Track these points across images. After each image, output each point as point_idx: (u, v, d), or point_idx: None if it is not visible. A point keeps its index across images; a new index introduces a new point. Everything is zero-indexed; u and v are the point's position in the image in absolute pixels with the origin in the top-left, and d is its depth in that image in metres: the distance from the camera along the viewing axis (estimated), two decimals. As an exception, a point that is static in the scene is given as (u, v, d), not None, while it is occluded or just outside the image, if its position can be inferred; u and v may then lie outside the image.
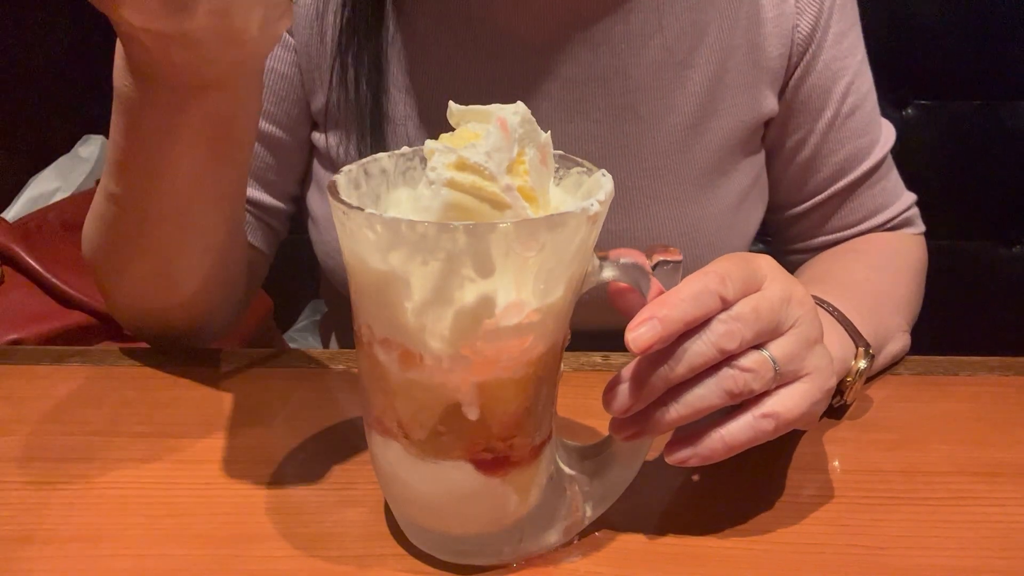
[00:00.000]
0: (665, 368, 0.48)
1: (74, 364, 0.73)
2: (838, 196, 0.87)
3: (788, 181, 0.88)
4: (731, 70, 0.80)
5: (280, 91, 0.81)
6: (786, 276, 0.52)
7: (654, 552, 0.53)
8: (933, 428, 0.65)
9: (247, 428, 0.64)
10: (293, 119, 0.82)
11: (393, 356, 0.46)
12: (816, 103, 0.84)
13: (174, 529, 0.54)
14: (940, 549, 0.53)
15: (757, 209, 0.87)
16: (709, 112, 0.81)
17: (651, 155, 0.80)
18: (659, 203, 0.81)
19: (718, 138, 0.81)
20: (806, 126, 0.85)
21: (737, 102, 0.81)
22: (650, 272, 0.49)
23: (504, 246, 0.43)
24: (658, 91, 0.79)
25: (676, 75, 0.79)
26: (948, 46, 1.24)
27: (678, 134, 0.80)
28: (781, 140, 0.86)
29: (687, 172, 0.81)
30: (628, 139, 0.80)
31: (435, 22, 0.78)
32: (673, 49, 0.79)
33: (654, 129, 0.80)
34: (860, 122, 0.85)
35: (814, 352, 0.52)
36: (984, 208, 1.30)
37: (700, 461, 0.51)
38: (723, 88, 0.80)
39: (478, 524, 0.51)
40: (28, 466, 0.60)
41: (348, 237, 0.46)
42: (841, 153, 0.85)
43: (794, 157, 0.86)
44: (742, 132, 0.82)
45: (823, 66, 0.83)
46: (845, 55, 0.83)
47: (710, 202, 0.82)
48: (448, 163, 0.44)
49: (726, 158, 0.82)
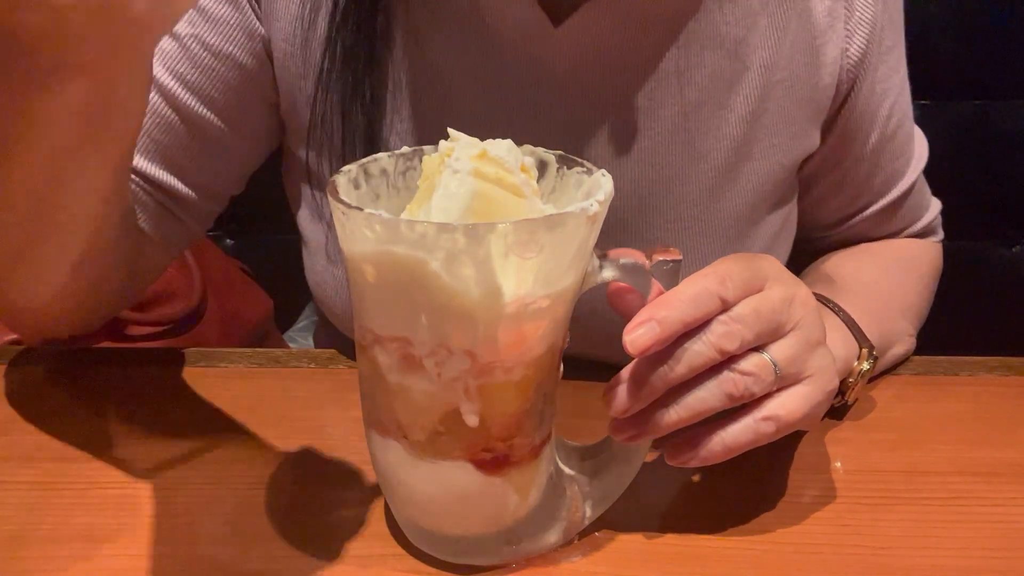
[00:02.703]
0: (665, 368, 0.48)
1: (74, 364, 0.73)
2: (873, 217, 0.82)
3: (824, 211, 0.82)
4: (771, 108, 0.71)
5: (230, 79, 0.71)
6: (789, 277, 0.52)
7: (654, 552, 0.53)
8: (933, 428, 0.65)
9: (247, 428, 0.64)
10: (237, 111, 0.73)
11: (393, 358, 0.46)
12: (862, 131, 0.76)
13: (174, 529, 0.54)
14: (940, 549, 0.53)
15: (783, 251, 0.80)
16: (744, 156, 0.71)
17: (677, 205, 0.72)
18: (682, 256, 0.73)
19: (752, 184, 0.72)
20: (852, 154, 0.77)
21: (776, 143, 0.72)
22: (650, 272, 0.49)
23: (503, 246, 0.43)
24: (688, 135, 0.70)
25: (710, 117, 0.70)
26: (948, 46, 1.24)
27: (707, 183, 0.71)
28: (821, 172, 0.78)
29: (714, 225, 0.73)
30: (653, 187, 0.71)
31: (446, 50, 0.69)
32: (710, 89, 0.70)
33: (681, 178, 0.71)
34: (901, 142, 0.79)
35: (816, 354, 0.51)
36: (984, 208, 1.30)
37: (700, 463, 0.51)
38: (761, 129, 0.71)
39: (478, 524, 0.51)
40: (28, 466, 0.60)
41: (347, 237, 0.46)
42: (881, 176, 0.79)
43: (834, 188, 0.79)
44: (779, 174, 0.73)
45: (869, 89, 0.74)
46: (891, 74, 0.76)
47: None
48: (472, 155, 0.45)
49: (759, 205, 0.74)
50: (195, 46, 0.70)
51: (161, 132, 0.71)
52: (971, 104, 1.27)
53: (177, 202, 0.74)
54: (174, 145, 0.72)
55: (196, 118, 0.72)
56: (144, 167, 0.71)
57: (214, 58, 0.71)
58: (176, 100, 0.70)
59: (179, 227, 0.75)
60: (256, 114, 0.74)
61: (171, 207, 0.74)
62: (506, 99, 0.70)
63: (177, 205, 0.74)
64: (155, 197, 0.73)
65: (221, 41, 0.70)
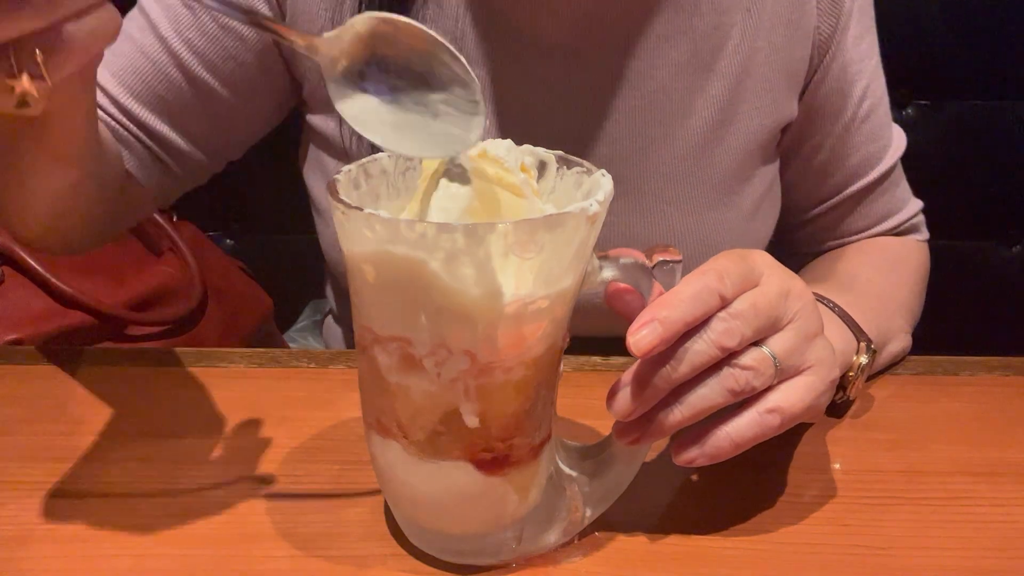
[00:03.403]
0: (667, 369, 0.48)
1: (74, 364, 0.73)
2: (850, 200, 0.86)
3: (802, 185, 0.87)
4: (753, 73, 0.78)
5: (236, 53, 0.76)
6: (783, 271, 0.52)
7: (654, 552, 0.53)
8: (933, 428, 0.65)
9: (247, 428, 0.64)
10: (242, 83, 0.77)
11: (392, 357, 0.46)
12: (834, 106, 0.82)
13: (174, 529, 0.54)
14: (940, 549, 0.53)
15: (771, 216, 0.86)
16: (730, 116, 0.79)
17: (670, 159, 0.79)
18: (677, 208, 0.80)
19: (738, 142, 0.79)
20: (824, 129, 0.83)
21: (759, 105, 0.79)
22: (651, 272, 0.49)
23: (503, 246, 0.43)
24: (679, 94, 0.77)
25: (698, 78, 0.77)
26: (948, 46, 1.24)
27: (698, 138, 0.78)
28: (798, 144, 0.84)
29: (706, 177, 0.79)
30: (647, 142, 0.78)
31: (454, 21, 0.76)
32: (696, 52, 0.77)
33: (674, 132, 0.78)
34: (874, 126, 0.84)
35: (815, 345, 0.52)
36: (984, 208, 1.30)
37: (707, 460, 0.51)
38: (745, 91, 0.78)
39: (478, 524, 0.51)
40: (28, 466, 0.60)
41: (347, 237, 0.46)
42: (855, 157, 0.84)
43: (810, 161, 0.85)
44: (762, 136, 0.80)
45: (841, 69, 0.81)
46: (862, 58, 0.82)
47: (728, 208, 0.81)
48: (472, 154, 0.46)
49: (745, 163, 0.81)
50: (207, 18, 0.74)
51: (164, 88, 0.75)
52: (971, 104, 1.27)
53: (171, 153, 0.78)
54: (176, 101, 0.76)
55: (200, 82, 0.76)
56: (143, 116, 0.75)
57: (222, 30, 0.75)
58: (182, 62, 0.75)
59: (170, 177, 0.79)
60: (262, 90, 0.79)
61: (164, 158, 0.78)
62: (503, 66, 0.75)
63: (171, 156, 0.78)
64: (148, 146, 0.76)
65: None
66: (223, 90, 0.77)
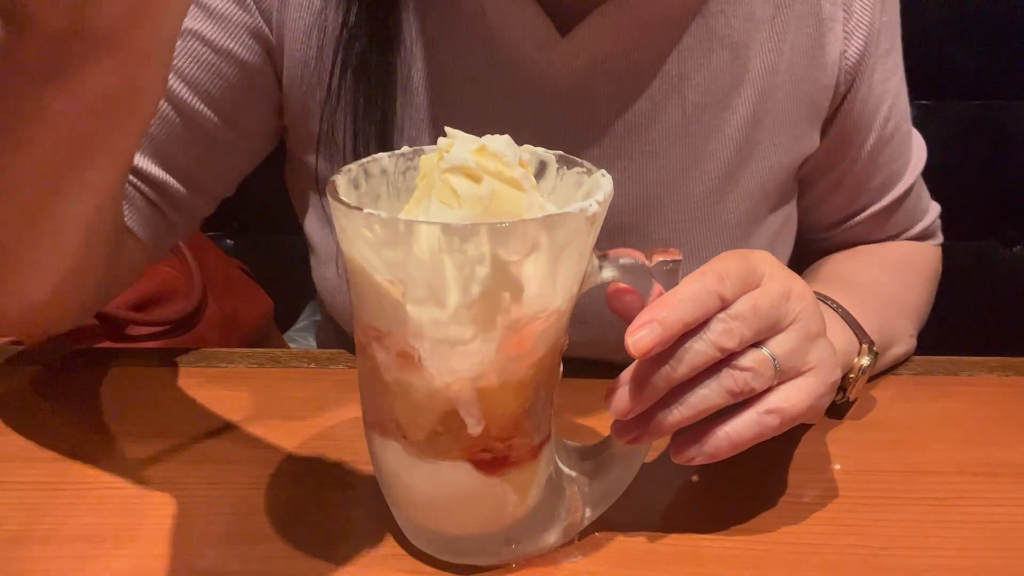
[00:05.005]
0: (666, 369, 0.48)
1: (75, 364, 0.73)
2: (871, 219, 0.82)
3: (821, 208, 0.82)
4: (772, 110, 0.72)
5: (230, 77, 0.71)
6: (785, 272, 0.52)
7: (654, 552, 0.53)
8: (933, 428, 0.65)
9: (247, 428, 0.64)
10: (236, 109, 0.72)
11: (391, 357, 0.46)
12: (860, 135, 0.77)
13: (174, 529, 0.54)
14: (940, 549, 0.53)
15: (784, 252, 0.80)
16: (746, 156, 0.73)
17: (680, 207, 0.73)
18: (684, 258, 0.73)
19: (753, 185, 0.74)
20: (848, 157, 0.78)
21: (777, 143, 0.73)
22: (651, 272, 0.49)
23: (502, 247, 0.43)
24: (691, 137, 0.71)
25: (712, 119, 0.71)
26: (948, 46, 1.24)
27: (711, 183, 0.73)
28: (820, 173, 0.79)
29: (717, 224, 0.74)
30: (656, 190, 0.72)
31: (456, 58, 0.70)
32: (710, 91, 0.71)
33: (685, 179, 0.72)
34: (897, 144, 0.80)
35: (816, 346, 0.52)
36: (984, 208, 1.30)
37: (706, 459, 0.51)
38: (762, 130, 0.72)
39: (477, 524, 0.51)
40: (28, 466, 0.60)
41: (347, 238, 0.46)
42: (879, 178, 0.80)
43: (832, 189, 0.80)
44: (780, 174, 0.75)
45: (867, 91, 0.75)
46: (888, 76, 0.77)
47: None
48: (471, 149, 0.45)
49: (760, 204, 0.75)
50: (196, 43, 0.70)
51: (156, 126, 0.70)
52: (971, 104, 1.27)
53: (167, 198, 0.73)
54: (169, 139, 0.71)
55: (193, 114, 0.71)
56: (136, 161, 0.70)
57: (215, 54, 0.70)
58: (173, 95, 0.70)
59: (166, 226, 0.74)
60: (255, 115, 0.74)
61: (160, 204, 0.73)
62: (514, 106, 0.71)
63: (166, 201, 0.73)
64: (145, 193, 0.72)
65: (224, 38, 0.70)
66: (219, 121, 0.72)
